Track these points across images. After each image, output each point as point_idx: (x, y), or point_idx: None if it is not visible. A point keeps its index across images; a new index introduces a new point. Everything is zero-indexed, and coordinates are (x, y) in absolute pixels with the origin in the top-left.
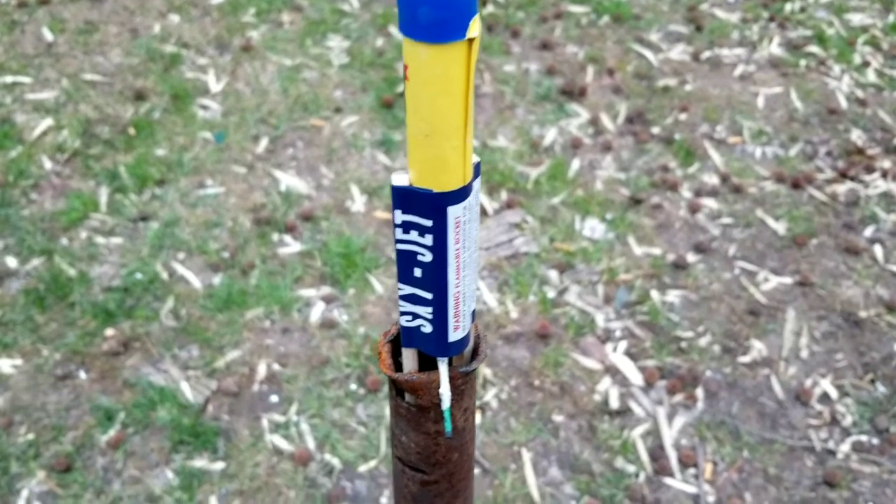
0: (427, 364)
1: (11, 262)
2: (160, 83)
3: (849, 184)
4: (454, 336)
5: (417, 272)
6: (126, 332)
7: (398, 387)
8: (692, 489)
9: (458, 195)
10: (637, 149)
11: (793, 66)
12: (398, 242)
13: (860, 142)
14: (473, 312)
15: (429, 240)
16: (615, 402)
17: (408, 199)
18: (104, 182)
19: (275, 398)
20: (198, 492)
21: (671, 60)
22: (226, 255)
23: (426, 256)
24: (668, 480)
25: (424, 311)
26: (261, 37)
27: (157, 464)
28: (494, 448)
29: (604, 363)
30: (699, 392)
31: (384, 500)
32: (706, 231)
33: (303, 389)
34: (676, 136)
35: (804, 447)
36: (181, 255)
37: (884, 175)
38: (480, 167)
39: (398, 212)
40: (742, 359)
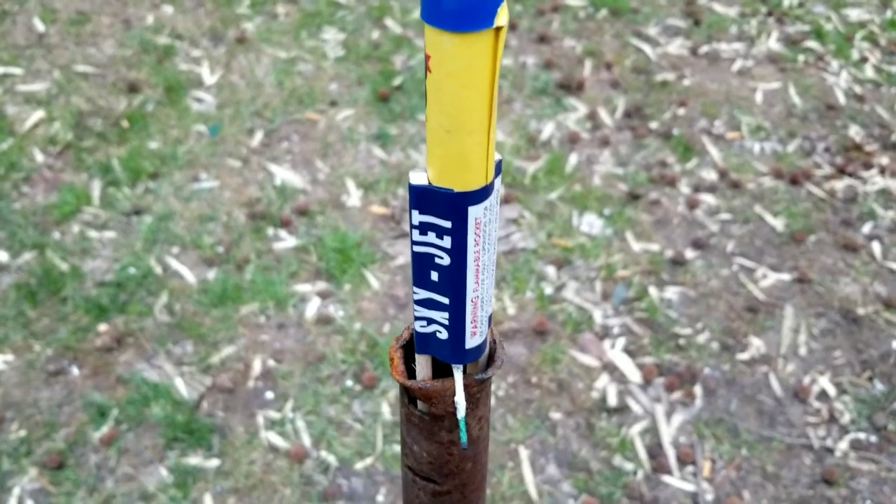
0: (440, 371)
1: (3, 257)
2: (153, 75)
3: (847, 180)
4: (471, 342)
5: (434, 276)
6: (119, 328)
7: (410, 394)
8: (690, 487)
9: (480, 195)
10: (635, 144)
11: (791, 62)
12: (414, 244)
13: (858, 138)
14: (490, 317)
15: (447, 242)
16: (613, 400)
17: (426, 200)
18: (97, 175)
19: (270, 395)
20: (192, 489)
21: (669, 55)
22: (220, 250)
23: (444, 259)
24: (667, 478)
25: (440, 317)
26: (255, 29)
27: (151, 461)
28: (492, 445)
29: (602, 360)
30: (697, 389)
31: (380, 498)
32: (704, 227)
33: (298, 386)
34: (675, 132)
35: (802, 445)
36: (175, 250)
37: (882, 171)
38: (502, 165)
39: (415, 212)
40: (740, 356)
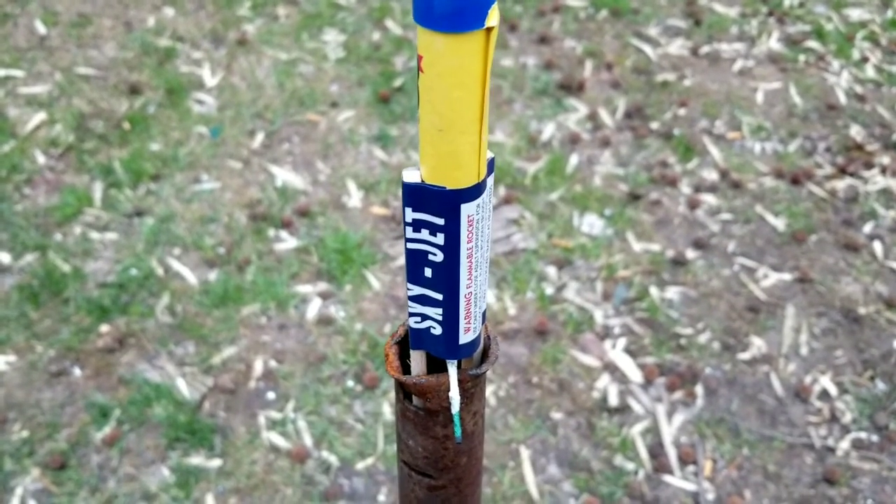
0: (435, 366)
1: (5, 258)
2: (155, 77)
3: (848, 180)
4: (465, 338)
5: (428, 272)
6: (121, 329)
7: (405, 390)
8: (692, 487)
9: (472, 192)
10: (636, 144)
11: (792, 62)
12: (408, 241)
13: (859, 138)
14: (484, 313)
15: (440, 239)
16: (614, 400)
17: (419, 197)
18: (98, 177)
19: (271, 395)
20: (194, 489)
21: (670, 55)
22: (221, 251)
23: (437, 256)
24: (668, 478)
25: (434, 313)
26: (256, 30)
27: (153, 461)
28: (493, 445)
29: (602, 360)
30: (699, 389)
31: (382, 498)
32: (705, 227)
33: (299, 386)
34: (675, 132)
35: (804, 444)
36: (176, 251)
37: (883, 171)
38: (494, 163)
39: (408, 210)
40: (741, 356)
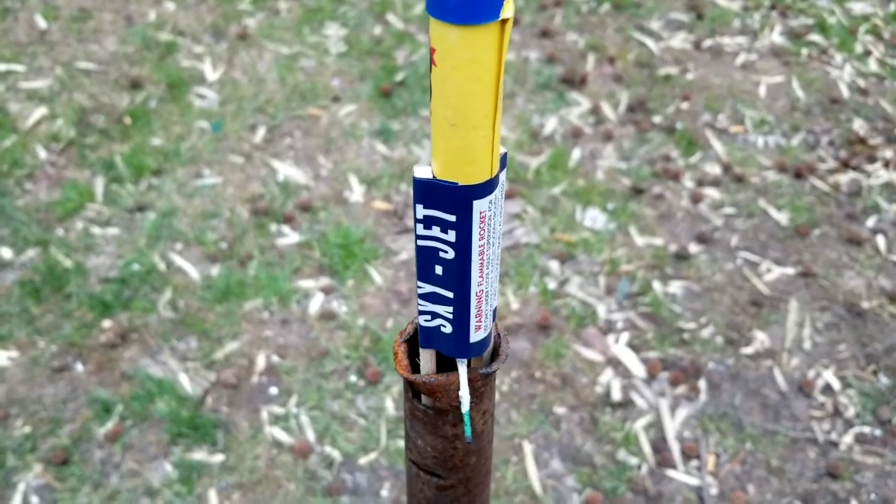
0: (444, 365)
1: (6, 253)
2: (156, 72)
3: (851, 174)
4: (476, 336)
5: (438, 270)
6: (123, 324)
7: (415, 389)
8: (695, 481)
9: (485, 188)
10: (638, 138)
11: (794, 55)
12: (418, 238)
13: (862, 131)
14: (495, 311)
15: (452, 236)
16: (617, 394)
17: (430, 193)
18: (100, 172)
19: (274, 390)
20: (197, 484)
21: (672, 49)
22: (224, 246)
23: (448, 253)
24: (671, 472)
25: (445, 311)
26: (257, 24)
27: (156, 456)
28: (495, 440)
29: (605, 355)
30: (702, 384)
31: (385, 493)
32: (708, 221)
33: (302, 381)
34: (678, 126)
35: (807, 439)
36: (178, 246)
37: (886, 165)
38: (507, 158)
39: (419, 206)
40: (745, 350)
